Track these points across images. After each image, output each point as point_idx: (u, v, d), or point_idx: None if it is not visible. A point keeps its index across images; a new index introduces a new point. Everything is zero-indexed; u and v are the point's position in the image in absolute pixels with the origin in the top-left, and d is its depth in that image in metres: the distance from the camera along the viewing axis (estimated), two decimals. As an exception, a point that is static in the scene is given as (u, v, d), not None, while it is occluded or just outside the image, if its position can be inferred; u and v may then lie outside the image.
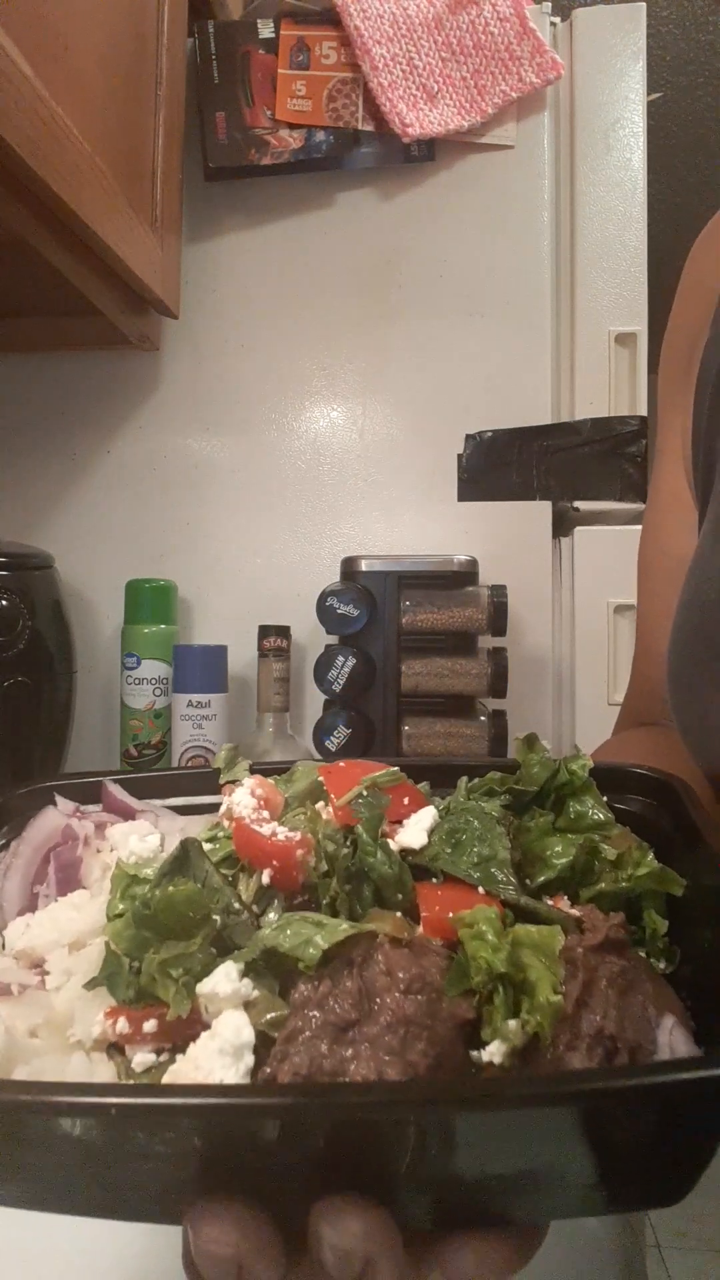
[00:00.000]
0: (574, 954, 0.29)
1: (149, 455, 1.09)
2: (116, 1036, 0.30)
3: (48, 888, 0.39)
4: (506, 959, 0.28)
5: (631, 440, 1.01)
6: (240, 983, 0.29)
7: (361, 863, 0.33)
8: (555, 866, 0.34)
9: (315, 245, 1.07)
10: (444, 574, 0.93)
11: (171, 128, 0.97)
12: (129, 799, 0.43)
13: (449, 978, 0.29)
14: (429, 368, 1.05)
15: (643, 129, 1.03)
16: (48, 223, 0.78)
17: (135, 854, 0.36)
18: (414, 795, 0.37)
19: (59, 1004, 0.32)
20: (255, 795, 0.36)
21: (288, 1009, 0.29)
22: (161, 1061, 0.30)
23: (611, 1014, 0.28)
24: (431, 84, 1.01)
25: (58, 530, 1.09)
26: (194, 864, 0.33)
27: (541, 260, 1.04)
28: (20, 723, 0.91)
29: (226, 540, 1.08)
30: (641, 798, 0.39)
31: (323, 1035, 0.27)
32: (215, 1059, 0.27)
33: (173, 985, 0.30)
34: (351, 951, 0.29)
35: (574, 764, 0.38)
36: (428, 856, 0.33)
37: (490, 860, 0.33)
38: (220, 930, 0.32)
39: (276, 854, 0.33)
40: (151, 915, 0.31)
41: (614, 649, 1.00)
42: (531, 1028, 0.27)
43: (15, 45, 0.65)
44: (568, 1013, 0.28)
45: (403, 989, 0.28)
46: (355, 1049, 0.27)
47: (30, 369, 1.10)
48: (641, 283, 1.03)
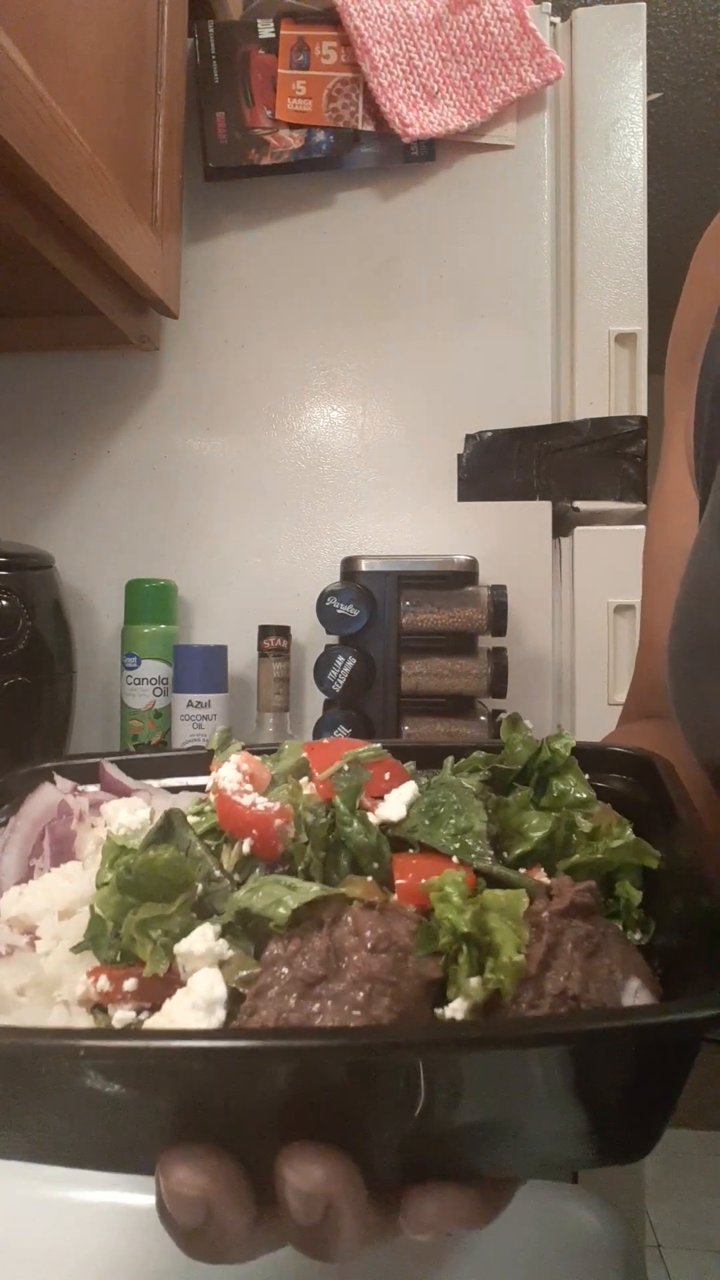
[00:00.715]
0: (539, 917, 0.30)
1: (149, 455, 1.09)
2: (98, 995, 0.31)
3: (42, 860, 0.40)
4: (471, 920, 0.29)
5: (631, 440, 1.01)
6: (215, 943, 0.30)
7: (338, 832, 0.33)
8: (531, 839, 0.35)
9: (315, 245, 1.07)
10: (444, 574, 0.93)
11: (171, 128, 0.97)
12: (125, 778, 0.44)
13: (418, 939, 0.29)
14: (429, 368, 1.05)
15: (643, 129, 1.03)
16: (48, 223, 0.78)
17: (124, 826, 0.37)
18: (396, 771, 0.37)
19: (47, 966, 0.33)
20: (241, 770, 0.37)
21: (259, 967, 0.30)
22: (140, 1019, 0.31)
23: (575, 975, 0.28)
24: (431, 84, 1.01)
25: (58, 530, 1.09)
26: (177, 833, 0.35)
27: (541, 260, 1.04)
28: (20, 723, 0.91)
29: (226, 540, 1.08)
30: (623, 775, 0.40)
31: (290, 990, 0.28)
32: (188, 1013, 0.28)
33: (151, 944, 0.31)
34: (322, 913, 0.30)
35: (556, 743, 0.38)
36: (406, 828, 0.34)
37: (467, 832, 0.33)
38: (201, 896, 0.33)
39: (256, 823, 0.33)
40: (133, 880, 0.32)
41: (614, 649, 1.00)
42: (493, 985, 0.28)
43: (15, 45, 0.65)
44: (531, 973, 0.28)
45: (369, 948, 0.28)
46: (321, 1004, 0.28)
47: (30, 369, 1.10)
48: (641, 283, 1.03)
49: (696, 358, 0.55)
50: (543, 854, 0.35)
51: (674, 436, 0.59)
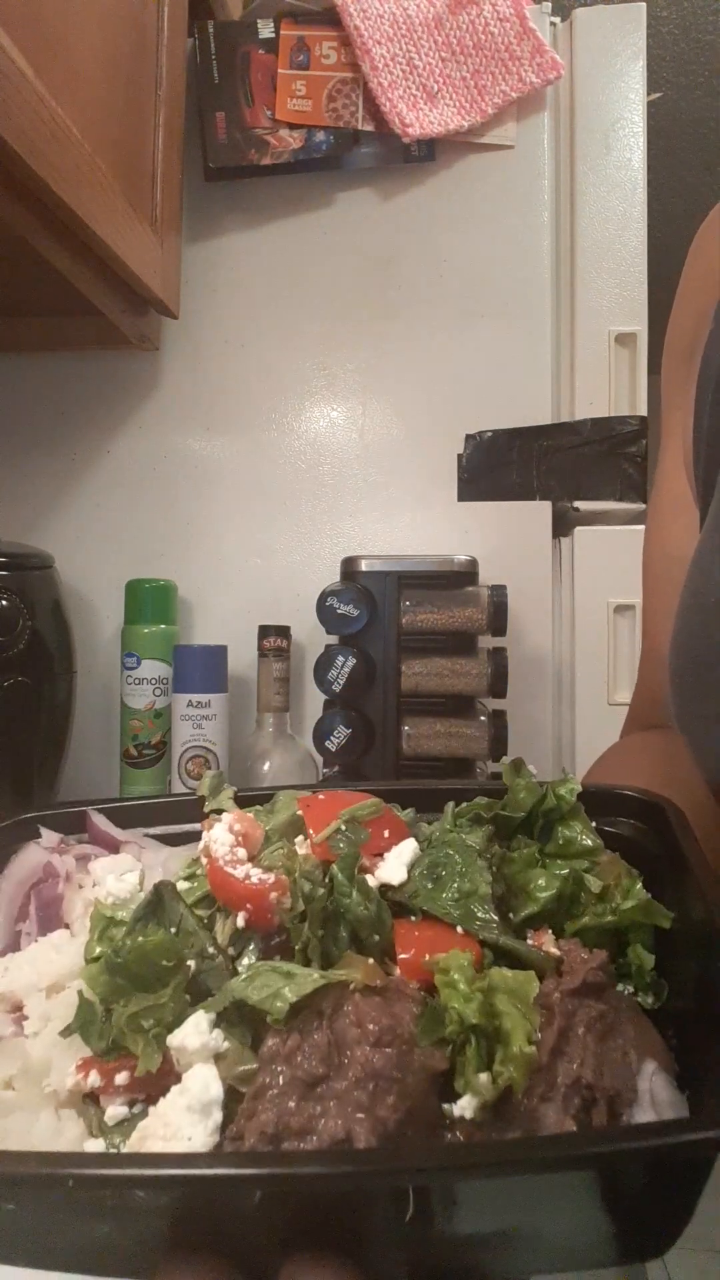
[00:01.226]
0: (550, 1000, 0.28)
1: (149, 455, 1.09)
2: (88, 1089, 0.30)
3: (29, 925, 0.39)
4: (479, 1008, 0.28)
5: (631, 440, 1.01)
6: (210, 1035, 0.29)
7: (337, 904, 0.32)
8: (539, 900, 0.33)
9: (315, 245, 1.07)
10: (444, 574, 0.93)
11: (171, 128, 0.97)
12: (113, 829, 0.43)
13: (422, 1026, 0.28)
14: (429, 367, 1.05)
15: (643, 129, 1.03)
16: (48, 223, 0.78)
17: (112, 894, 0.36)
18: (395, 826, 0.36)
19: (35, 1052, 0.32)
20: (233, 831, 0.36)
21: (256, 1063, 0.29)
22: (134, 1114, 0.30)
23: (589, 1061, 0.27)
24: (431, 84, 1.01)
25: (58, 530, 1.09)
26: (168, 908, 0.33)
27: (541, 260, 1.04)
28: (20, 723, 0.91)
29: (226, 540, 1.08)
30: (631, 820, 0.38)
31: (291, 1092, 0.27)
32: (183, 1116, 0.27)
33: (142, 1039, 0.30)
34: (321, 1002, 0.29)
35: (561, 789, 0.37)
36: (407, 892, 0.33)
37: (470, 896, 0.32)
38: (195, 975, 0.32)
39: (250, 897, 0.32)
40: (123, 964, 0.31)
41: (614, 649, 1.00)
42: (504, 1080, 0.27)
43: (15, 45, 0.65)
44: (543, 1062, 0.27)
45: (373, 1041, 0.27)
46: (324, 1105, 0.27)
47: (30, 369, 1.10)
48: (641, 283, 1.03)
49: (694, 358, 0.54)
50: (550, 914, 0.33)
51: (671, 439, 0.58)
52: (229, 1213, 0.26)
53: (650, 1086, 0.27)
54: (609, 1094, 0.27)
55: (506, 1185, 0.24)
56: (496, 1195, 0.25)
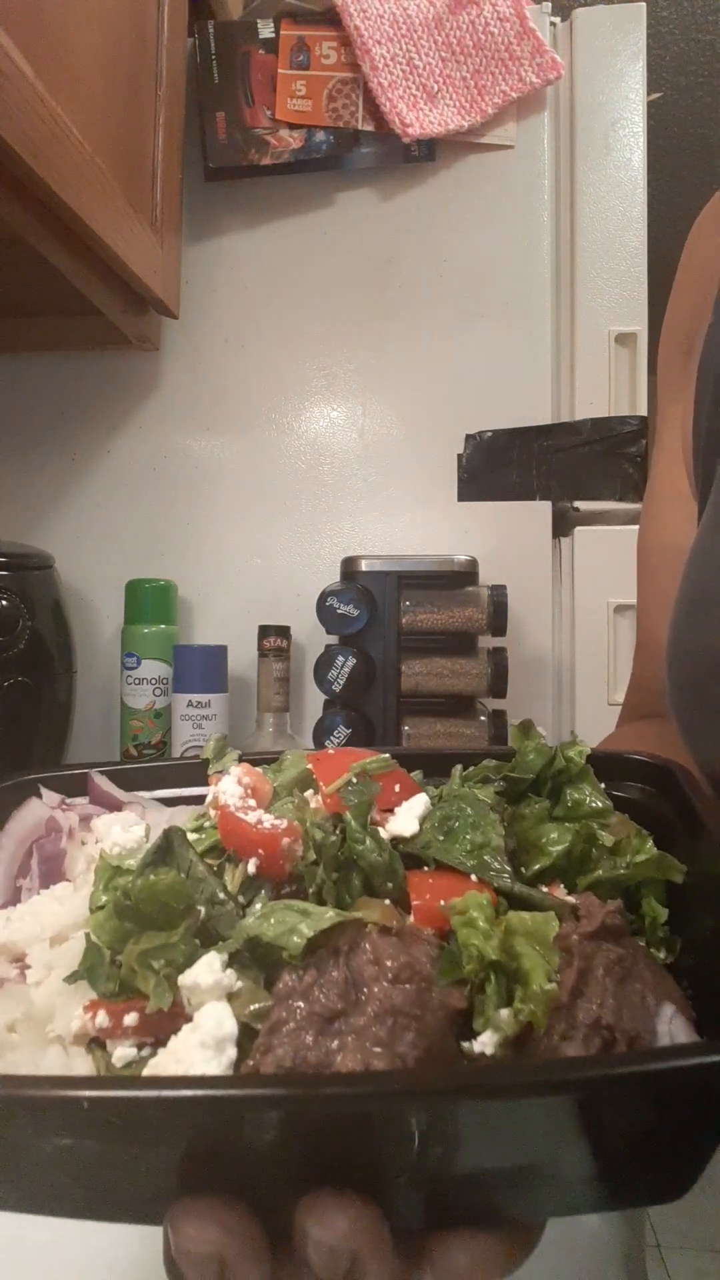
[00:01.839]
0: (569, 941, 0.28)
1: (149, 455, 1.09)
2: (96, 1030, 0.29)
3: (30, 880, 0.38)
4: (499, 946, 0.27)
5: (631, 440, 1.01)
6: (223, 974, 0.28)
7: (350, 850, 0.32)
8: (551, 854, 0.33)
9: (315, 245, 1.07)
10: (444, 574, 0.93)
11: (171, 128, 0.97)
12: (115, 790, 0.42)
13: (440, 966, 0.28)
14: (429, 367, 1.05)
15: (643, 129, 1.03)
16: (48, 223, 0.78)
17: (119, 845, 0.35)
18: (405, 783, 0.36)
19: (39, 999, 0.31)
20: (242, 784, 0.35)
21: (271, 1000, 0.28)
22: (143, 1056, 0.29)
23: (608, 1003, 0.27)
24: (431, 84, 1.01)
25: (58, 530, 1.09)
26: (177, 854, 0.32)
27: (541, 260, 1.04)
28: (20, 723, 0.91)
29: (226, 540, 1.08)
30: (640, 785, 0.38)
31: (308, 1026, 0.26)
32: (196, 1052, 0.26)
33: (153, 977, 0.29)
34: (338, 940, 0.28)
35: (570, 750, 0.37)
36: (419, 844, 0.32)
37: (484, 847, 0.32)
38: (204, 921, 0.31)
39: (262, 842, 0.32)
40: (132, 906, 0.30)
41: (614, 649, 1.00)
42: (525, 1017, 0.26)
43: (15, 45, 0.65)
44: (563, 1001, 0.27)
45: (391, 978, 0.27)
46: (341, 1040, 0.26)
47: (30, 369, 1.10)
48: (641, 283, 1.03)
49: (693, 351, 0.53)
50: (562, 869, 0.33)
51: (667, 432, 0.58)
52: (243, 1149, 0.25)
53: (669, 1029, 0.27)
54: (629, 1035, 0.27)
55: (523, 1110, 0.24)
56: (513, 1123, 0.24)
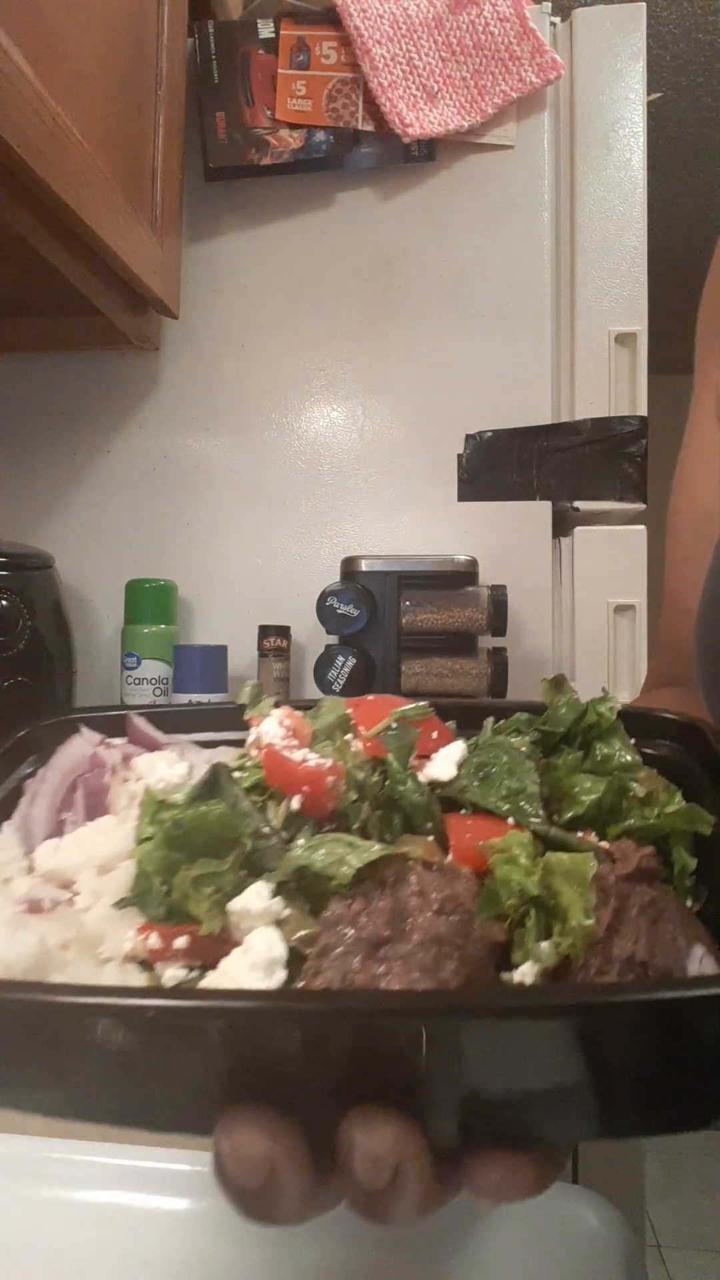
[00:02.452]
0: (605, 882, 0.29)
1: (149, 455, 1.09)
2: (147, 952, 0.30)
3: (74, 814, 0.40)
4: (539, 883, 0.29)
5: (631, 440, 1.01)
6: (271, 900, 0.30)
7: (392, 791, 0.33)
8: (583, 803, 0.34)
9: (315, 245, 1.07)
10: (444, 574, 0.93)
11: (171, 128, 0.97)
12: (154, 732, 0.43)
13: (480, 902, 0.29)
14: (429, 368, 1.05)
15: (643, 129, 1.03)
16: (48, 223, 0.78)
17: (164, 780, 0.36)
18: (442, 730, 0.37)
19: (89, 923, 0.33)
20: (283, 725, 0.36)
21: (319, 927, 0.29)
22: (191, 978, 0.30)
23: (642, 941, 0.28)
24: (431, 84, 1.01)
25: (58, 530, 1.09)
26: (224, 788, 0.33)
27: (541, 260, 1.04)
28: (20, 723, 0.91)
29: (226, 540, 1.08)
30: (669, 741, 0.39)
31: (355, 951, 0.28)
32: (247, 973, 0.28)
33: (205, 902, 0.30)
34: (384, 872, 0.30)
35: (601, 706, 0.37)
36: (456, 789, 0.34)
37: (519, 793, 0.33)
38: (250, 853, 0.32)
39: (307, 779, 0.33)
40: (182, 835, 0.31)
41: (614, 649, 1.00)
42: (564, 949, 0.27)
43: (15, 45, 0.65)
44: (599, 938, 0.28)
45: (435, 909, 0.28)
46: (388, 965, 0.27)
47: (30, 369, 1.10)
48: (641, 283, 1.03)
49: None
50: (593, 818, 0.34)
51: (704, 395, 0.58)
52: (290, 1061, 0.26)
53: (700, 969, 0.28)
54: (661, 972, 0.28)
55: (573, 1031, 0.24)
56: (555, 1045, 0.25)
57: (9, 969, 0.30)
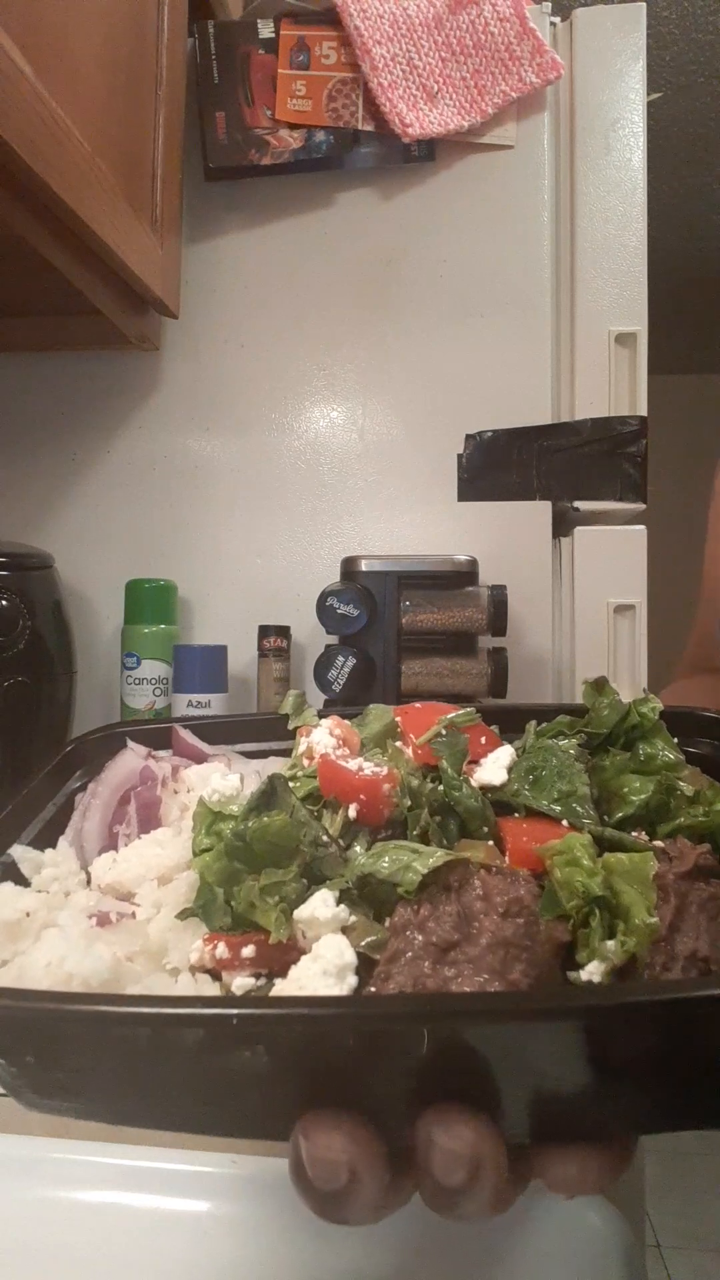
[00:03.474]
0: (665, 880, 0.30)
1: (149, 455, 1.09)
2: (214, 962, 0.31)
3: (128, 827, 0.40)
4: (602, 883, 0.29)
5: (631, 440, 1.01)
6: (338, 908, 0.30)
7: (447, 795, 0.33)
8: (633, 803, 0.34)
9: (315, 245, 1.07)
10: (444, 574, 0.93)
11: (171, 128, 0.97)
12: (200, 743, 0.44)
13: (542, 903, 0.29)
14: (429, 368, 1.05)
15: (643, 129, 1.03)
16: (48, 223, 0.78)
17: (217, 791, 0.36)
18: (490, 736, 0.37)
19: (153, 933, 0.33)
20: (334, 735, 0.36)
21: (386, 933, 0.30)
22: (260, 986, 0.30)
23: (704, 937, 0.29)
24: (431, 84, 1.01)
25: (58, 530, 1.09)
26: (281, 798, 0.34)
27: (541, 260, 1.04)
28: (20, 723, 0.91)
29: (226, 540, 1.08)
30: (711, 740, 0.40)
31: (425, 955, 0.28)
32: (319, 980, 0.28)
33: (273, 911, 0.31)
34: (448, 877, 0.30)
35: (643, 707, 0.38)
36: (508, 793, 0.34)
37: (571, 796, 0.33)
38: (309, 863, 0.32)
39: (363, 788, 0.33)
40: (244, 846, 0.32)
41: (614, 649, 1.00)
42: (630, 948, 0.28)
43: (15, 45, 0.65)
44: (662, 935, 0.28)
45: (500, 912, 0.28)
46: (458, 969, 0.28)
47: (30, 369, 1.10)
48: (641, 283, 1.03)
49: None
50: (642, 818, 0.34)
51: None
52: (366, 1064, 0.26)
53: None
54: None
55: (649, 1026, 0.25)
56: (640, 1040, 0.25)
57: (86, 983, 0.30)
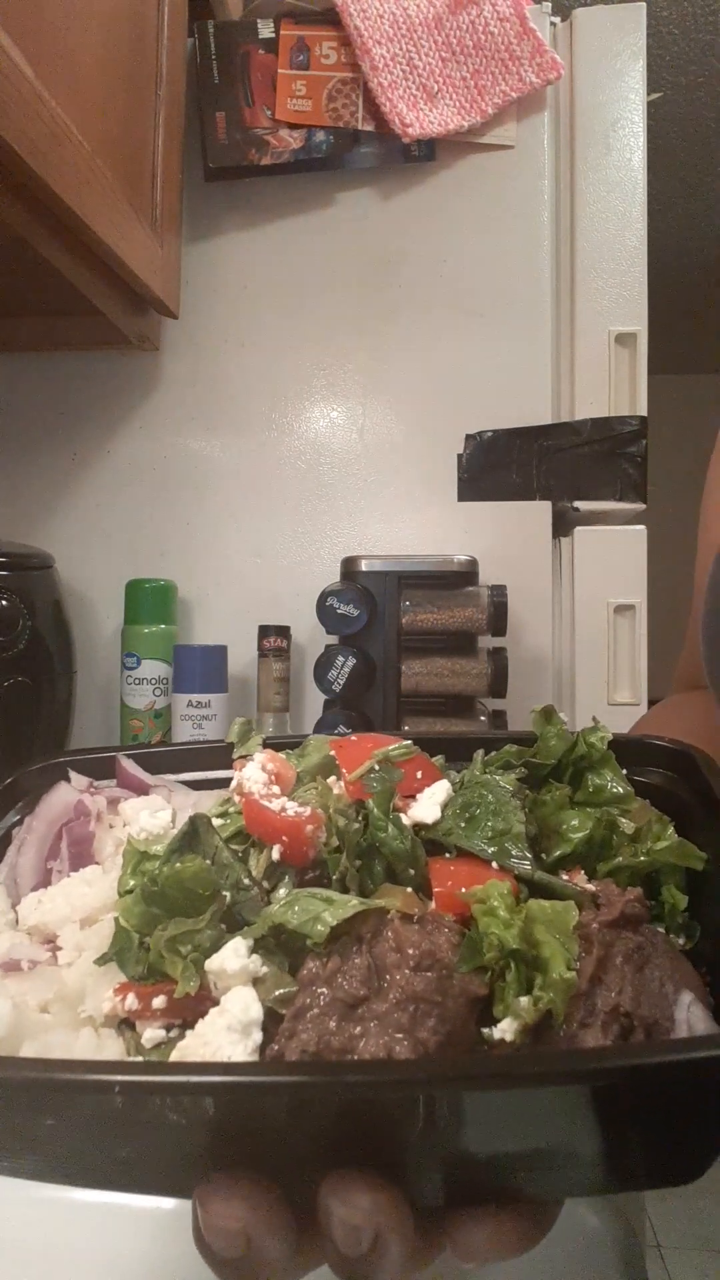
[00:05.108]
0: (589, 930, 0.29)
1: (149, 455, 1.09)
2: (126, 1012, 0.30)
3: (60, 863, 0.39)
4: (519, 935, 0.28)
5: (631, 440, 1.01)
6: (249, 959, 0.29)
7: (373, 838, 0.32)
8: (572, 841, 0.33)
9: (315, 245, 1.07)
10: (444, 574, 0.93)
11: (171, 128, 0.97)
12: (142, 774, 0.43)
13: (461, 954, 0.28)
14: (429, 368, 1.05)
15: (643, 129, 1.03)
16: (48, 223, 0.78)
17: (146, 830, 0.36)
18: (428, 769, 0.36)
19: (70, 979, 0.32)
20: (266, 770, 0.36)
21: (295, 986, 0.28)
22: (171, 1037, 0.30)
23: (627, 990, 0.27)
24: (431, 84, 1.01)
25: (58, 530, 1.09)
26: (203, 840, 0.33)
27: (541, 260, 1.04)
28: (20, 723, 0.91)
29: (226, 540, 1.08)
30: (661, 770, 0.38)
31: (331, 1012, 0.27)
32: (223, 1035, 0.27)
33: (181, 962, 0.30)
34: (361, 928, 0.29)
35: (592, 736, 0.37)
36: (441, 831, 0.33)
37: (505, 835, 0.32)
38: (230, 906, 0.31)
39: (286, 830, 0.32)
40: (159, 892, 0.31)
41: (614, 649, 1.00)
42: (544, 1005, 0.27)
43: (15, 45, 0.65)
44: (582, 989, 0.27)
45: (412, 966, 0.27)
46: (364, 1026, 0.27)
47: (30, 369, 1.10)
48: (641, 283, 1.03)
49: None
50: (583, 856, 0.33)
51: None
52: (268, 1128, 0.25)
53: (687, 1016, 0.28)
54: (647, 1023, 0.27)
55: (540, 1099, 0.24)
56: (531, 1110, 0.24)
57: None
